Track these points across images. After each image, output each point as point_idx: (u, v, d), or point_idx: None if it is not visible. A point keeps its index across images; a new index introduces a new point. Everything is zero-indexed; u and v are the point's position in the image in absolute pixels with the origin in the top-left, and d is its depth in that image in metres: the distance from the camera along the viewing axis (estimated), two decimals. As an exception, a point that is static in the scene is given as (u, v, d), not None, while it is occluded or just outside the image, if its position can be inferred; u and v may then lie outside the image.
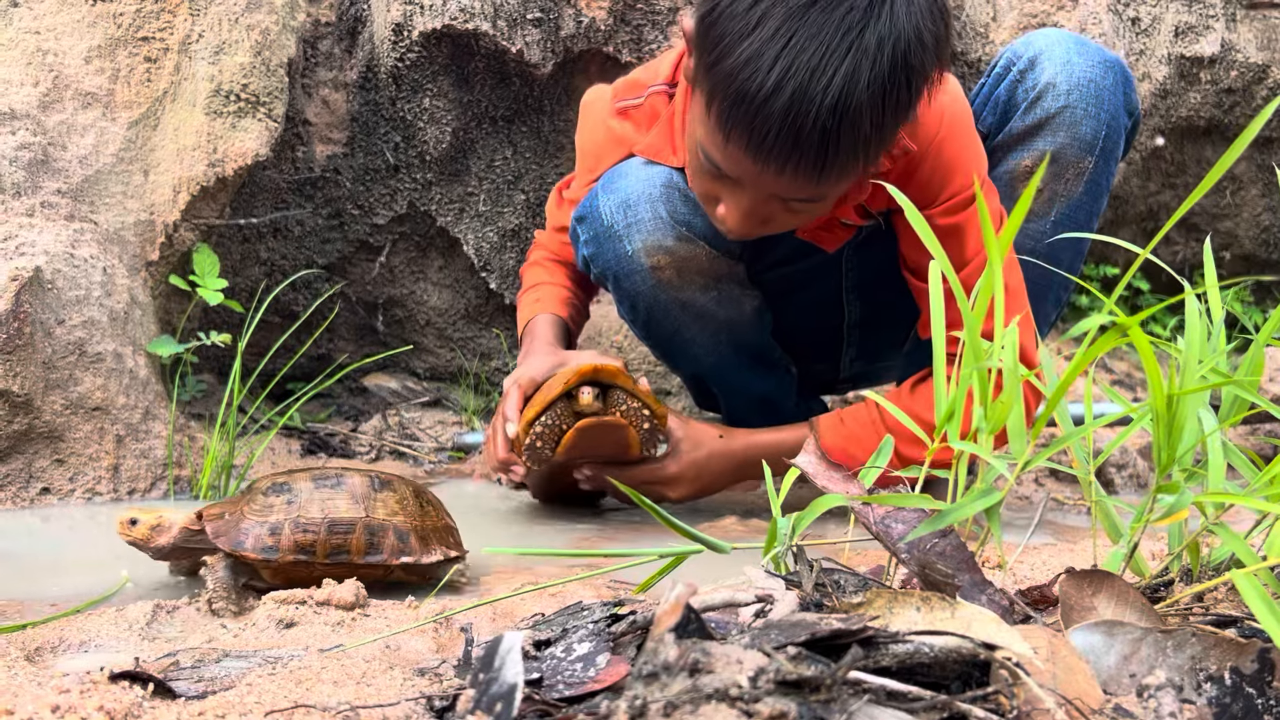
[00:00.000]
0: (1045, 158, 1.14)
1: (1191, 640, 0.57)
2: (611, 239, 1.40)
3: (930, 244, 0.77)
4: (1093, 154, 1.35)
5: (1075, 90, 1.33)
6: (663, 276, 1.40)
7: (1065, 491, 1.76)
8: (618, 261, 1.41)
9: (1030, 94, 1.35)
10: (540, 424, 1.36)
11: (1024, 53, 1.38)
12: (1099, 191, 1.39)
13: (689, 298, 1.43)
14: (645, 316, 1.48)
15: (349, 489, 1.04)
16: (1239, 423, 0.78)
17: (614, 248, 1.40)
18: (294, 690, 0.64)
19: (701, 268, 1.40)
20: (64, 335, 1.57)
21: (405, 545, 1.02)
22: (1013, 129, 1.37)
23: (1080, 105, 1.33)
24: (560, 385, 1.35)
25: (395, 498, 1.05)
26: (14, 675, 0.70)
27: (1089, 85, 1.33)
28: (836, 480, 0.74)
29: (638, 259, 1.39)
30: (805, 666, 0.47)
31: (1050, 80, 1.34)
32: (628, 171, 1.40)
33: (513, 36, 2.04)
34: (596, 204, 1.41)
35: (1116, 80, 1.35)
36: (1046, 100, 1.34)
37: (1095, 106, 1.33)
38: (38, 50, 1.74)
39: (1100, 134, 1.34)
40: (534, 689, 0.56)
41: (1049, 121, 1.34)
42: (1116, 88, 1.35)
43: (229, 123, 1.84)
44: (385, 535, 1.02)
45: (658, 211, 1.36)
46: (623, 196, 1.38)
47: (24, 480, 1.53)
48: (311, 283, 2.26)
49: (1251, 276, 2.82)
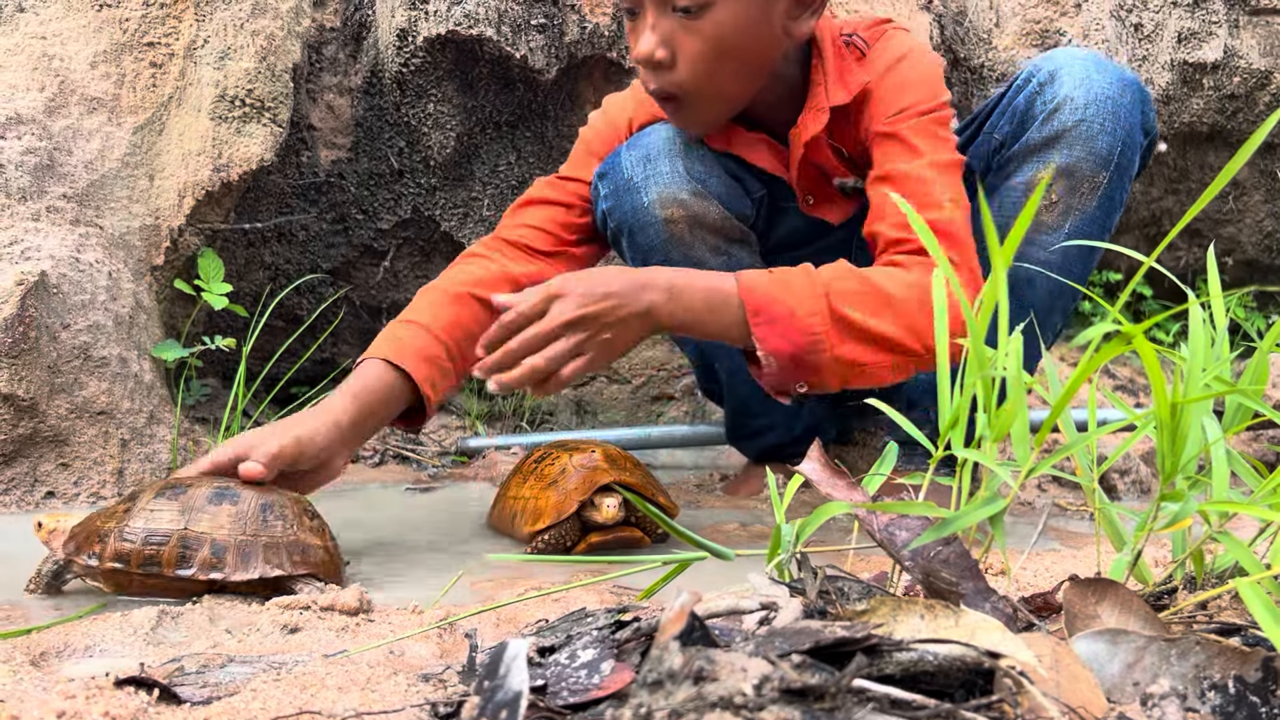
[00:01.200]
0: (1053, 172, 1.16)
1: (1195, 648, 0.57)
2: (630, 191, 1.45)
3: (933, 249, 0.77)
4: (1108, 169, 1.36)
5: (1093, 105, 1.34)
6: (675, 230, 1.44)
7: (1068, 497, 1.76)
8: (634, 214, 1.45)
9: (1048, 106, 1.37)
10: (546, 537, 1.26)
11: (1044, 66, 1.41)
12: (1112, 207, 1.40)
13: (700, 257, 1.46)
14: None
15: (182, 501, 1.04)
16: (1242, 430, 0.78)
17: (631, 200, 1.45)
18: (299, 696, 0.64)
19: (714, 225, 1.45)
20: (69, 339, 1.57)
21: (219, 561, 1.01)
22: (1029, 140, 1.39)
23: (1097, 120, 1.34)
24: (575, 498, 1.25)
25: (232, 512, 1.04)
26: (19, 680, 0.70)
27: (1106, 101, 1.35)
28: (840, 487, 0.74)
29: (653, 210, 1.44)
30: (810, 674, 0.47)
31: (1069, 94, 1.36)
32: (651, 130, 1.48)
33: (517, 42, 2.04)
34: (619, 159, 1.48)
35: (1134, 99, 1.37)
36: (1064, 113, 1.35)
37: (1112, 122, 1.35)
38: (43, 55, 1.75)
39: (1116, 150, 1.35)
40: (538, 696, 0.56)
41: (1065, 134, 1.36)
42: (1134, 106, 1.37)
43: (234, 128, 1.85)
44: (199, 549, 1.01)
45: (675, 166, 1.44)
46: (644, 151, 1.46)
47: (29, 484, 1.53)
48: (316, 287, 2.26)
49: (1255, 286, 2.82)
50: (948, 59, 2.36)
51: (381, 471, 2.03)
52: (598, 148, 1.57)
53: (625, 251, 1.52)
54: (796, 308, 1.21)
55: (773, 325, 1.21)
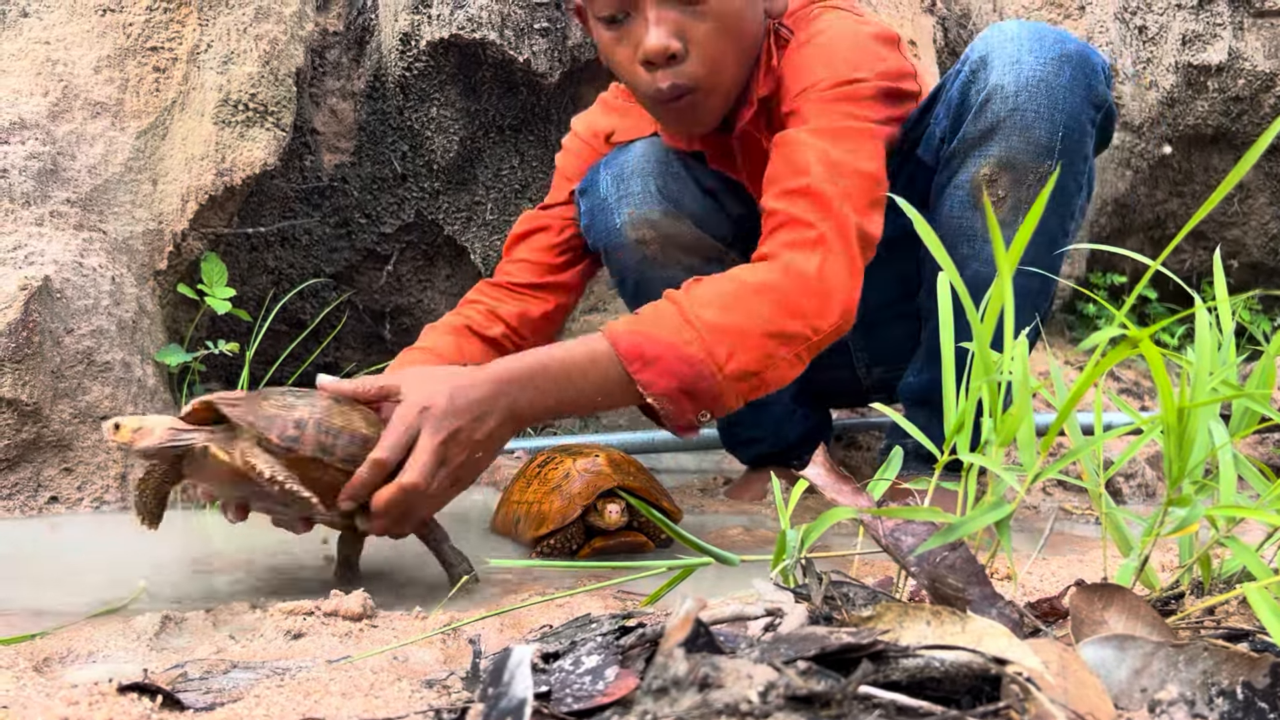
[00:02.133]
0: (993, 166, 1.20)
1: (1203, 654, 0.57)
2: (604, 211, 1.45)
3: (936, 252, 0.77)
4: (1051, 157, 1.28)
5: (1024, 91, 1.26)
6: (648, 252, 1.44)
7: (1073, 501, 1.76)
8: (608, 235, 1.45)
9: (979, 96, 1.30)
10: (550, 542, 1.26)
11: (976, 50, 1.32)
12: (1069, 194, 1.33)
13: (673, 276, 1.41)
14: (633, 291, 1.52)
15: (364, 412, 1.07)
16: (1249, 434, 0.78)
17: (606, 220, 1.45)
18: (302, 702, 0.64)
19: (686, 245, 1.44)
20: (72, 344, 1.58)
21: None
22: (966, 134, 1.32)
23: (1031, 108, 1.26)
24: (579, 503, 1.24)
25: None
26: (22, 686, 0.70)
27: (1039, 85, 1.26)
28: (845, 492, 0.74)
29: (624, 232, 1.43)
30: (815, 681, 0.46)
31: (998, 82, 1.28)
32: (629, 148, 1.47)
33: (520, 46, 2.05)
34: (597, 177, 1.47)
35: (1075, 75, 1.27)
36: (995, 103, 1.28)
37: (1048, 108, 1.26)
38: (47, 60, 1.75)
39: (1057, 136, 1.27)
40: (543, 702, 0.56)
41: (1000, 126, 1.28)
42: (1075, 84, 1.27)
43: (237, 132, 1.85)
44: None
45: (648, 185, 1.42)
46: (619, 170, 1.44)
47: (32, 489, 1.53)
48: (319, 291, 2.27)
49: (1261, 289, 2.81)
50: (951, 61, 2.36)
51: (385, 476, 2.03)
52: (572, 172, 1.56)
53: (608, 268, 1.52)
54: (672, 338, 1.12)
55: (654, 366, 1.12)
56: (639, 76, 1.29)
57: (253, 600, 0.99)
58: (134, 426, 1.00)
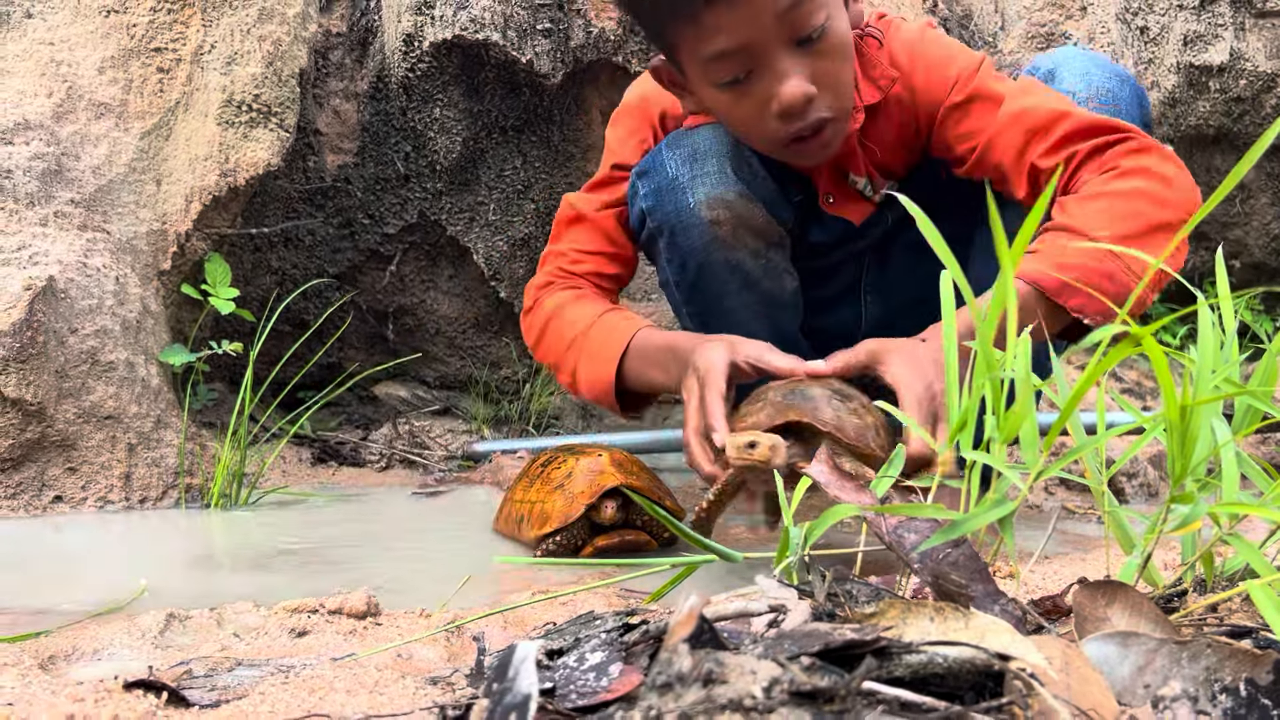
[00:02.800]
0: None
1: (1206, 651, 0.57)
2: (674, 191, 1.44)
3: (941, 253, 0.77)
4: None
5: (1094, 99, 1.37)
6: (720, 232, 1.43)
7: (1076, 500, 1.76)
8: (678, 214, 1.44)
9: None
10: (553, 541, 1.27)
11: (1044, 64, 1.44)
12: None
13: (739, 259, 1.45)
14: (694, 276, 1.50)
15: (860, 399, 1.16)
16: (1251, 432, 0.78)
17: (675, 200, 1.44)
18: (307, 699, 0.64)
19: (757, 228, 1.44)
20: (77, 344, 1.58)
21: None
22: None
23: (1102, 114, 1.37)
24: (582, 502, 1.26)
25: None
26: (28, 684, 0.70)
27: (1107, 94, 1.38)
28: (848, 490, 0.74)
29: (699, 211, 1.43)
30: (819, 677, 0.47)
31: (1070, 89, 1.38)
32: (697, 129, 1.46)
33: (523, 47, 2.05)
34: (661, 158, 1.45)
35: (1133, 94, 1.40)
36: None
37: (1113, 113, 1.36)
38: (51, 61, 1.76)
39: None
40: (547, 699, 0.56)
41: None
42: (1133, 101, 1.40)
43: (241, 133, 1.85)
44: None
45: (723, 166, 1.42)
46: (691, 150, 1.44)
47: (36, 489, 1.54)
48: (322, 292, 2.27)
49: (1263, 288, 2.81)
50: (953, 62, 2.36)
51: (388, 476, 2.04)
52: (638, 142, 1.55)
53: (661, 253, 1.50)
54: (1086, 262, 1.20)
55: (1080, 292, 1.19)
56: (769, 127, 1.30)
57: (257, 598, 0.99)
58: (769, 443, 1.02)
